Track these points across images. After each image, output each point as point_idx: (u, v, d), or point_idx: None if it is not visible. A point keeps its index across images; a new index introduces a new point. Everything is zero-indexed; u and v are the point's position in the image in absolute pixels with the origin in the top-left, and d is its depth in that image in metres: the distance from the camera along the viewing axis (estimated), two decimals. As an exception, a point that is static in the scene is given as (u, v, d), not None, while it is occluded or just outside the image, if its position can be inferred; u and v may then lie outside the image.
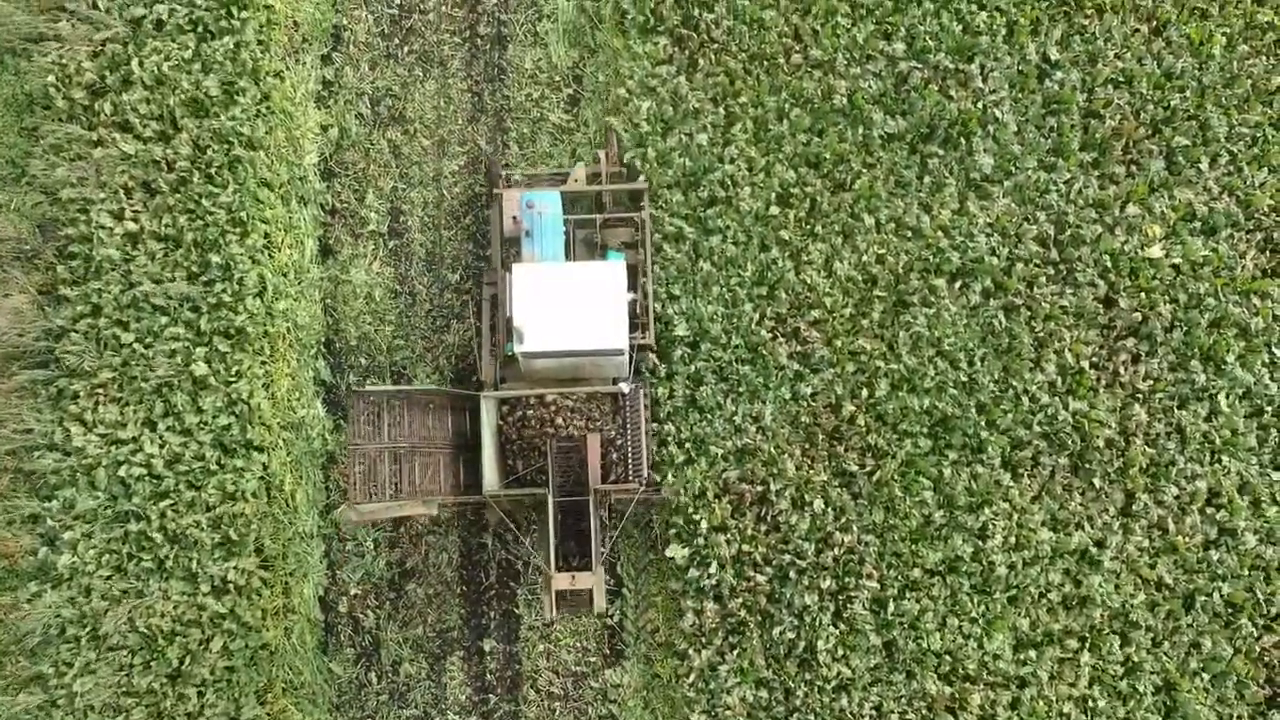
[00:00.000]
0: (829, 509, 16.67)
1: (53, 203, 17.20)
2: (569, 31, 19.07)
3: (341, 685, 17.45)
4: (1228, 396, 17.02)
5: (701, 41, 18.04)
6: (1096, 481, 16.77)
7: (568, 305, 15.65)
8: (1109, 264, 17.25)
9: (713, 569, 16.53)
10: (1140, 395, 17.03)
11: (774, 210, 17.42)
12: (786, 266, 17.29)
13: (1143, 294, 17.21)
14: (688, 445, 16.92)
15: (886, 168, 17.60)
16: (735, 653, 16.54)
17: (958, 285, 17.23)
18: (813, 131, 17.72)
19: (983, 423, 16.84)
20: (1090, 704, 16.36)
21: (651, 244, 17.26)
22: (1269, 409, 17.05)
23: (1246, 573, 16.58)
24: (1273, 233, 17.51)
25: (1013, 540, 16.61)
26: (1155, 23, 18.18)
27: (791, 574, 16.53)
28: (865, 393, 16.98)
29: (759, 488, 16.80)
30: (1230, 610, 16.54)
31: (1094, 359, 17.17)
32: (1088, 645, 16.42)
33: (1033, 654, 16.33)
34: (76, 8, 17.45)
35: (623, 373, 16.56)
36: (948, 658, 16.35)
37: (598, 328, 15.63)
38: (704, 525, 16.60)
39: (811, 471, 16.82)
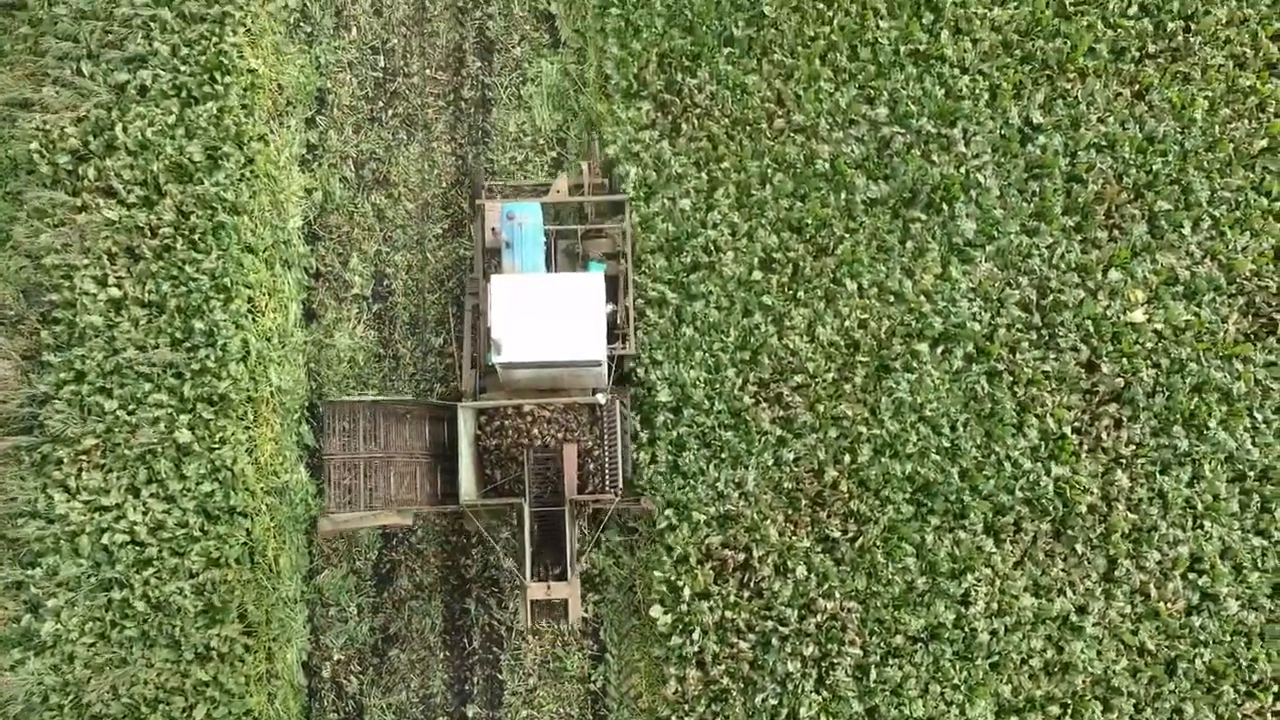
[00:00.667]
0: (812, 575, 17.01)
1: (37, 268, 17.48)
2: (553, 95, 19.52)
3: (325, 751, 17.76)
4: (1210, 461, 17.37)
5: (685, 106, 18.48)
6: (1079, 547, 17.10)
7: (546, 316, 16.16)
8: (1091, 329, 17.64)
9: (695, 636, 16.88)
10: (1122, 460, 17.39)
11: (757, 275, 17.80)
12: (769, 331, 17.66)
13: (1125, 359, 17.58)
14: (669, 512, 17.15)
15: (869, 232, 17.99)
16: (718, 720, 16.84)
17: (940, 350, 17.59)
18: (795, 196, 18.14)
19: (965, 488, 17.19)
20: (1073, 771, 16.67)
21: (632, 255, 17.81)
22: (1251, 474, 17.40)
23: (1229, 639, 16.91)
24: (1255, 297, 17.89)
25: (995, 606, 16.94)
26: (1138, 86, 18.60)
27: (774, 641, 16.84)
28: (848, 458, 17.34)
29: (742, 554, 17.18)
30: (1213, 676, 16.87)
31: (1076, 424, 17.53)
32: (1070, 711, 16.75)
33: (1015, 721, 16.60)
34: (61, 74, 17.73)
35: (602, 383, 17.12)
36: (930, 725, 16.66)
37: (576, 339, 16.15)
38: (687, 591, 16.94)
39: (794, 537, 17.16)
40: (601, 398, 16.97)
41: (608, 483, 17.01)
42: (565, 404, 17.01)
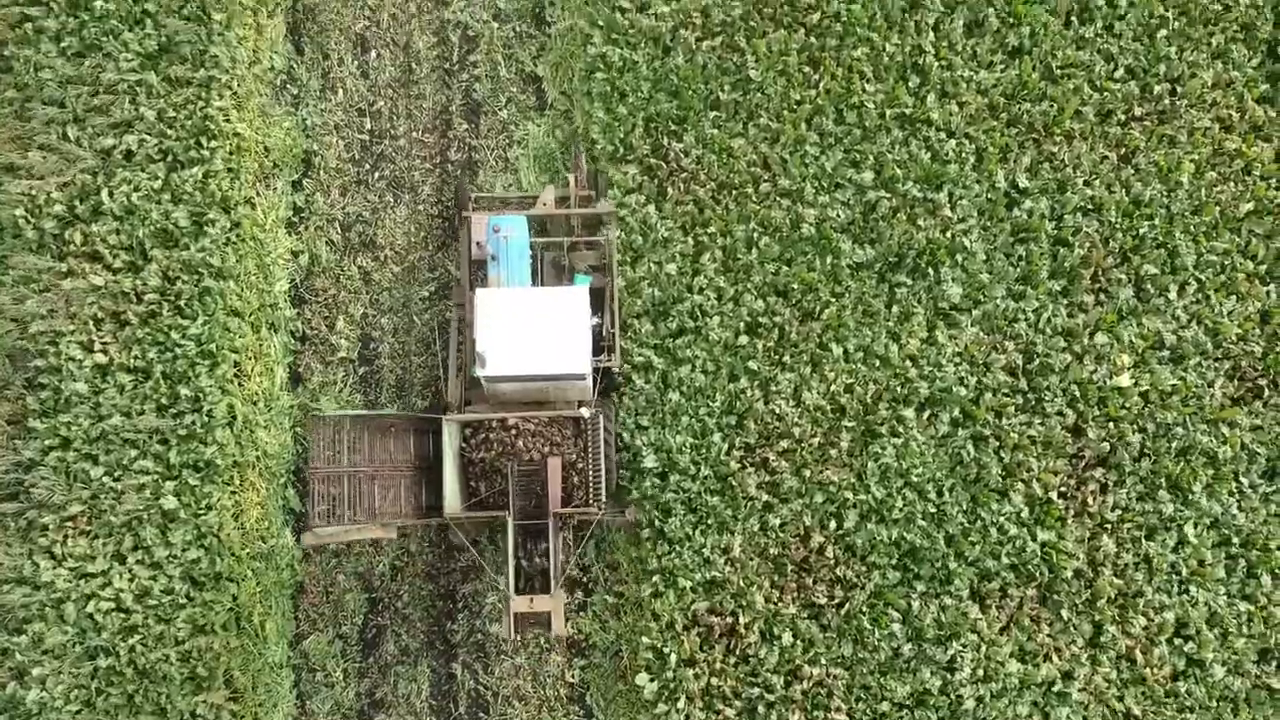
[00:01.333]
0: (798, 641, 17.35)
1: (22, 334, 17.73)
2: (539, 158, 19.91)
3: (310, 817, 18.07)
4: (1196, 526, 17.75)
5: (670, 170, 18.83)
6: (1064, 613, 17.45)
7: (530, 330, 16.64)
8: (1077, 393, 18.03)
9: (681, 704, 17.25)
10: (1108, 525, 17.77)
11: (743, 340, 18.16)
12: (755, 396, 17.99)
13: (1111, 423, 17.96)
14: (655, 579, 17.44)
15: (855, 297, 18.35)
16: (704, 788, 17.20)
17: (926, 415, 17.93)
18: (781, 260, 18.49)
19: (951, 554, 17.54)
20: (1059, 839, 17.03)
21: (617, 269, 18.30)
22: (1237, 539, 17.80)
23: (1215, 704, 17.29)
24: (1240, 361, 18.26)
25: (981, 672, 17.30)
26: (1124, 150, 18.98)
27: (760, 708, 17.19)
28: (834, 523, 17.69)
29: (728, 620, 17.52)
30: (1199, 743, 17.17)
31: (1062, 489, 17.90)
32: (1056, 779, 17.04)
33: (1001, 789, 17.01)
34: (47, 139, 18.00)
35: (587, 396, 17.65)
36: (916, 793, 17.03)
37: (560, 352, 16.63)
38: (673, 658, 17.27)
39: (780, 603, 17.47)
40: (585, 411, 17.38)
41: (591, 496, 17.40)
42: (550, 417, 17.51)
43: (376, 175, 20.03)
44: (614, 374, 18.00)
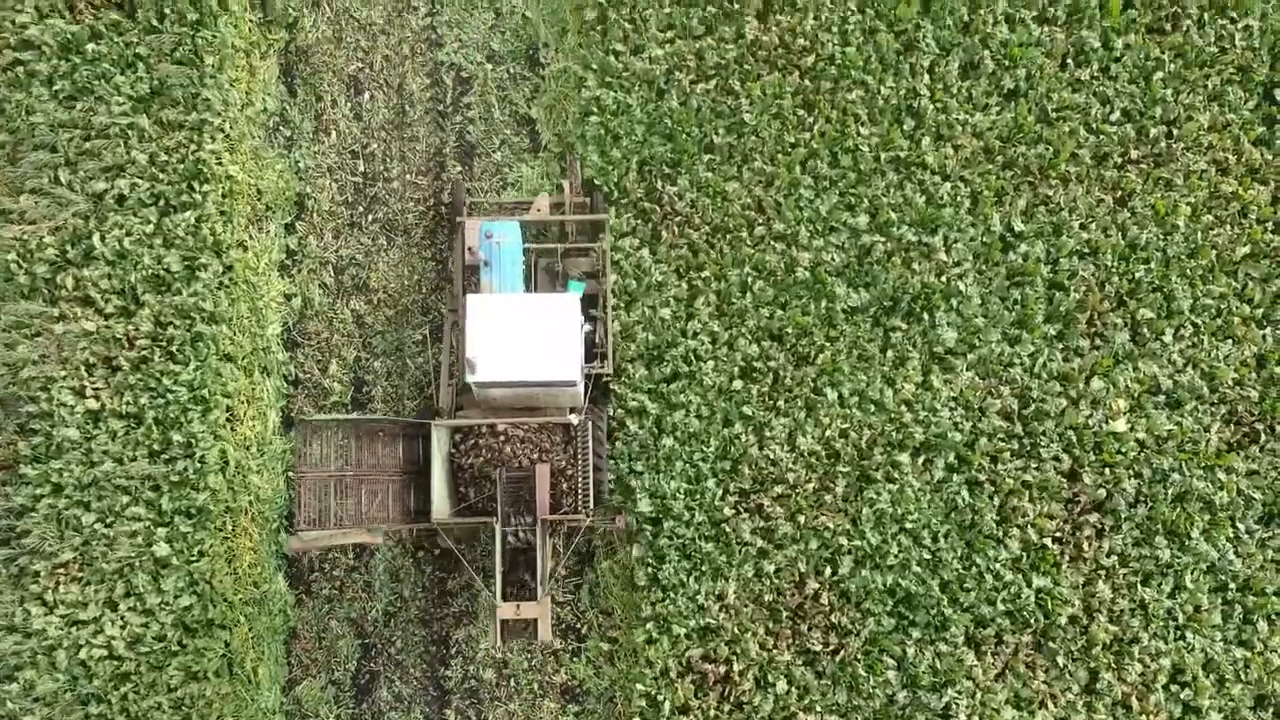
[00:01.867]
0: (793, 689, 17.57)
1: (14, 380, 17.87)
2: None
3: None
4: (1192, 572, 17.97)
5: (665, 214, 19.05)
6: (1060, 659, 17.67)
7: (521, 336, 16.96)
8: (1073, 438, 18.25)
9: (675, 752, 17.27)
10: (1104, 571, 17.96)
11: (737, 384, 18.37)
12: (750, 441, 18.16)
13: (1107, 469, 18.19)
14: (649, 626, 17.56)
15: (850, 341, 18.55)
16: (698, 837, 17.37)
17: (921, 460, 18.14)
18: (776, 304, 18.71)
19: (946, 600, 17.75)
20: None
21: (610, 272, 18.57)
22: (1233, 585, 18.04)
23: (1212, 752, 17.39)
24: (1237, 405, 18.44)
25: (976, 719, 17.24)
26: (1120, 193, 19.18)
27: (754, 756, 17.26)
28: (829, 570, 17.88)
29: (722, 667, 17.74)
30: (1195, 790, 17.38)
31: (1057, 534, 18.11)
32: (1052, 827, 17.23)
33: (996, 838, 17.21)
34: (39, 183, 18.15)
35: (577, 403, 17.92)
36: (910, 842, 17.23)
37: (551, 359, 16.95)
38: (667, 706, 17.46)
39: (775, 650, 17.65)
40: (575, 418, 17.67)
41: (579, 503, 17.67)
42: (539, 423, 17.81)
43: (370, 218, 20.27)
44: (605, 380, 18.38)
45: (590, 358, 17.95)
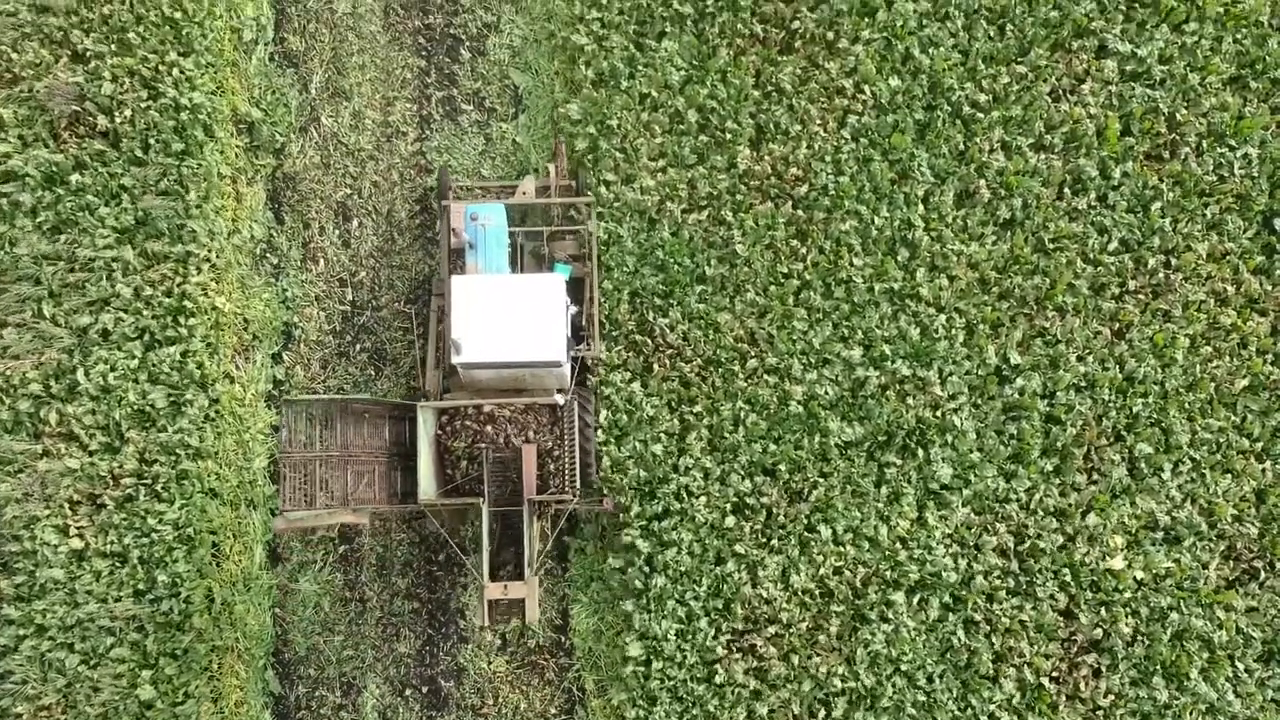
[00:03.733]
0: (786, 834, 17.87)
1: (-3, 518, 18.37)
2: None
3: None
4: (1191, 713, 18.55)
5: (656, 346, 19.66)
6: (1058, 803, 17.97)
7: (506, 317, 17.77)
8: (1069, 576, 18.83)
9: None
10: (1101, 711, 18.64)
11: (729, 521, 18.98)
12: (742, 579, 18.75)
13: (1104, 607, 18.79)
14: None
15: (843, 476, 19.11)
16: None
17: (916, 599, 18.74)
18: (769, 439, 19.29)
19: (942, 743, 18.08)
20: None
21: (597, 260, 19.44)
22: (1233, 725, 18.36)
23: None
24: (1236, 542, 18.97)
25: None
26: (1118, 325, 19.73)
27: None
28: (823, 712, 18.54)
29: (716, 812, 18.03)
30: None
31: (1054, 674, 18.70)
32: None
33: None
34: (21, 317, 18.57)
35: (564, 384, 18.78)
36: None
37: (536, 340, 17.77)
38: None
39: (769, 795, 18.00)
40: (561, 398, 18.53)
41: (567, 483, 18.42)
42: (525, 404, 18.67)
43: (358, 348, 20.89)
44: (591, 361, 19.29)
45: (576, 340, 18.91)
